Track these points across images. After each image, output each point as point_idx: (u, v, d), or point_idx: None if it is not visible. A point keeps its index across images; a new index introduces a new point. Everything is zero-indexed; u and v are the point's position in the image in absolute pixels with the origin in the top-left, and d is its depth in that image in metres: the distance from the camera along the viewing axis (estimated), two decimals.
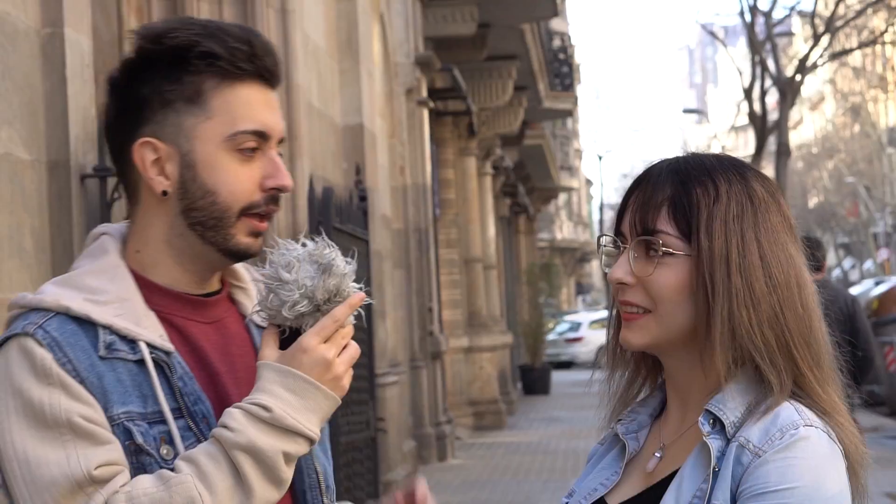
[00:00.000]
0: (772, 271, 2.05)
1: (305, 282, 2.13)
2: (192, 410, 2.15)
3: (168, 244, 2.21)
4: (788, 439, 1.97)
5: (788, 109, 29.67)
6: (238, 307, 2.32)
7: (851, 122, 60.16)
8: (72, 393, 2.05)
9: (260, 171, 2.19)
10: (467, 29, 18.14)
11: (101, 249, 2.23)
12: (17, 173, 5.35)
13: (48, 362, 2.06)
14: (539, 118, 30.79)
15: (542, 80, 26.15)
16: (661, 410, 2.23)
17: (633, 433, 2.22)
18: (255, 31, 2.22)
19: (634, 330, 2.11)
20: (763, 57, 29.69)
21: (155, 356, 2.14)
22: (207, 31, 2.16)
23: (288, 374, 2.11)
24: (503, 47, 20.93)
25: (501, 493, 14.19)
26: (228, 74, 2.16)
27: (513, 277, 34.29)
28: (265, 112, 2.20)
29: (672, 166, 2.13)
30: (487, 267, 23.74)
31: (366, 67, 12.00)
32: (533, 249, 43.16)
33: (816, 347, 2.07)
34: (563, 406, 25.51)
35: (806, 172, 66.70)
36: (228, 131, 2.16)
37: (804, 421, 1.99)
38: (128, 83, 2.19)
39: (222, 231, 2.18)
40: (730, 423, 2.02)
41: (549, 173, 37.84)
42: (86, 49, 5.85)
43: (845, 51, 34.84)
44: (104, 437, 2.06)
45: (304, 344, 2.12)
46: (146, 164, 2.18)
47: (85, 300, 2.13)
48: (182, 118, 2.16)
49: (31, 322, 2.10)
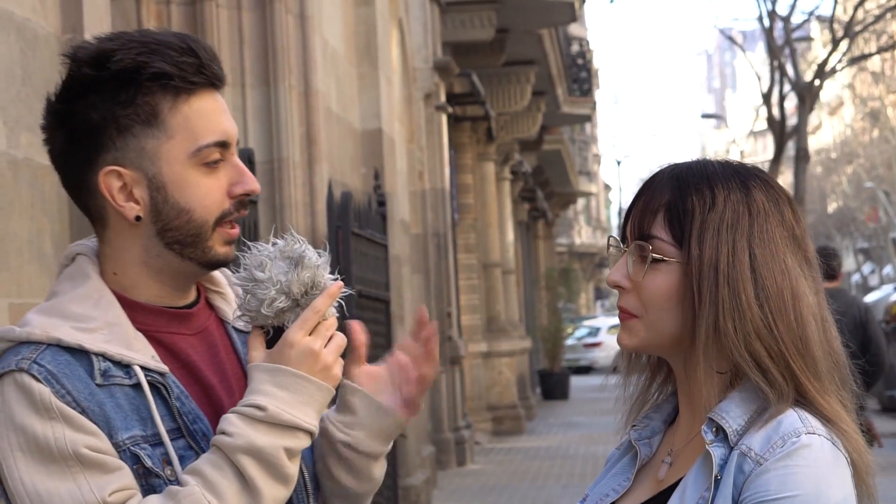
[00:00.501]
0: (764, 282, 2.03)
1: (279, 277, 2.13)
2: (191, 430, 2.15)
3: (146, 265, 2.19)
4: (790, 447, 1.96)
5: (807, 114, 29.61)
6: (217, 313, 2.31)
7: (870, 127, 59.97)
8: (75, 425, 2.04)
9: (227, 180, 2.18)
10: (485, 34, 18.14)
11: (81, 273, 2.19)
12: (38, 178, 5.37)
13: (47, 396, 2.04)
14: (557, 123, 30.77)
15: (561, 85, 26.14)
16: (675, 416, 2.22)
17: (645, 439, 2.21)
18: (193, 38, 2.18)
19: (625, 331, 2.12)
20: (782, 62, 29.65)
21: (150, 378, 2.13)
22: (150, 49, 2.12)
23: (277, 371, 2.11)
24: (521, 52, 20.93)
25: (520, 498, 14.18)
26: (182, 91, 2.14)
27: (531, 282, 34.28)
28: (222, 120, 2.18)
29: (674, 172, 2.13)
30: (506, 272, 23.73)
31: (384, 73, 12.01)
32: (551, 254, 43.13)
33: (812, 360, 2.04)
34: (581, 411, 25.48)
35: (825, 177, 66.52)
36: (192, 148, 2.14)
37: (807, 428, 1.98)
38: (73, 109, 2.14)
39: (200, 245, 2.17)
40: (732, 431, 2.01)
41: (567, 178, 37.82)
42: None
43: (864, 55, 34.74)
44: (113, 464, 2.05)
45: (289, 339, 2.13)
46: (114, 192, 2.15)
47: (73, 329, 2.10)
48: (143, 142, 2.13)
49: (24, 357, 2.07)
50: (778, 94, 30.04)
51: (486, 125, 21.23)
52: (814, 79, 29.54)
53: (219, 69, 2.19)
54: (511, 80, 21.77)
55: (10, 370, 2.07)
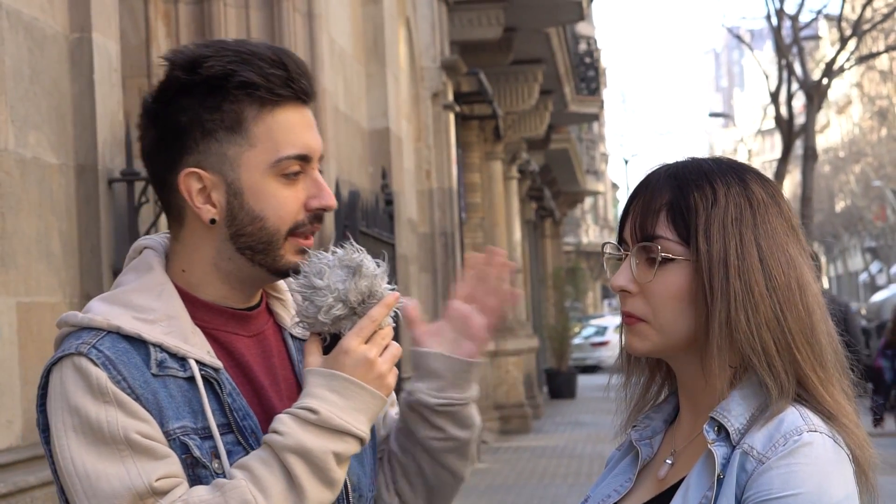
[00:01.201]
0: (772, 273, 2.05)
1: (337, 285, 2.17)
2: (241, 426, 2.19)
3: (215, 266, 2.24)
4: (792, 445, 1.96)
5: (815, 113, 29.58)
6: (275, 318, 2.36)
7: (878, 126, 59.90)
8: (128, 410, 2.09)
9: (304, 192, 2.23)
10: (493, 33, 18.14)
11: (146, 265, 2.26)
12: (46, 177, 5.37)
13: (104, 381, 2.09)
14: (565, 122, 30.75)
15: (568, 83, 26.12)
16: (675, 416, 2.23)
17: (646, 439, 2.22)
18: (286, 51, 2.24)
19: (635, 336, 2.12)
20: (790, 60, 29.62)
21: (204, 373, 2.18)
22: (241, 58, 2.18)
23: (332, 376, 2.15)
24: (529, 51, 20.92)
25: (527, 497, 14.18)
26: (267, 102, 2.19)
27: (539, 281, 34.26)
28: (306, 134, 2.23)
29: (670, 171, 2.13)
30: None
31: (392, 71, 12.01)
32: (559, 253, 43.11)
33: (819, 348, 2.06)
34: (588, 410, 25.47)
35: (833, 176, 66.46)
36: (272, 158, 2.19)
37: (808, 426, 1.98)
38: (164, 110, 2.21)
39: (272, 253, 2.22)
40: (734, 430, 2.02)
41: (575, 177, 37.80)
42: (113, 54, 5.87)
43: (872, 54, 34.69)
44: (162, 451, 2.10)
45: (344, 346, 2.16)
46: (192, 193, 2.20)
47: (134, 318, 2.16)
48: (225, 147, 2.19)
49: (84, 342, 2.13)
50: (786, 92, 30.01)
51: (493, 124, 21.23)
52: (822, 77, 29.50)
53: (307, 84, 2.24)
54: (518, 79, 21.76)
55: (69, 353, 2.13)
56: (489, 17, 17.94)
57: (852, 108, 71.95)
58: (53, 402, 2.12)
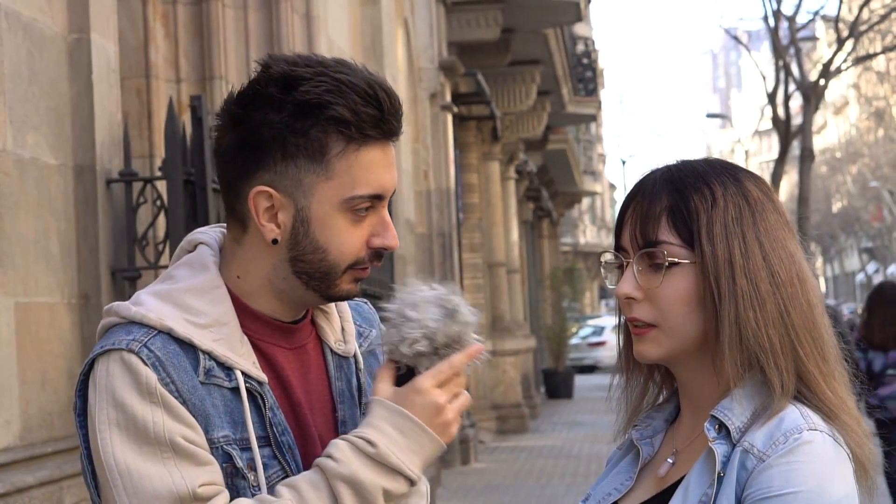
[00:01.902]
0: (775, 270, 2.06)
1: (429, 323, 2.15)
2: (279, 441, 2.18)
3: (270, 282, 2.22)
4: (792, 444, 1.97)
5: (812, 114, 29.57)
6: (318, 331, 2.33)
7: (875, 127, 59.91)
8: (174, 414, 2.08)
9: (369, 230, 2.20)
10: (491, 34, 18.13)
11: (202, 264, 2.23)
12: (44, 178, 5.37)
13: (153, 381, 2.08)
14: (562, 123, 30.74)
15: (566, 84, 26.12)
16: (676, 415, 2.23)
17: (647, 438, 2.22)
18: (382, 85, 2.19)
19: (646, 342, 2.12)
20: (787, 61, 29.60)
21: (249, 385, 2.16)
22: (338, 89, 2.13)
23: (398, 413, 2.13)
24: (527, 52, 20.91)
25: (524, 497, 14.18)
26: (354, 139, 2.15)
27: (536, 282, 34.26)
28: (384, 174, 2.19)
29: (665, 175, 2.14)
30: (511, 271, 23.71)
31: (390, 72, 12.01)
32: (556, 254, 43.11)
33: (821, 342, 2.07)
34: (586, 410, 25.47)
35: (830, 177, 66.49)
36: (347, 195, 2.16)
37: (808, 425, 1.99)
38: (248, 118, 2.16)
39: (328, 282, 2.20)
40: (735, 428, 2.03)
41: (572, 178, 37.78)
42: (112, 54, 5.87)
43: (869, 55, 34.67)
44: (205, 458, 2.09)
45: (418, 385, 2.14)
46: (259, 210, 2.17)
47: (185, 321, 2.14)
48: (302, 174, 2.15)
49: (135, 338, 2.11)
50: (783, 93, 29.98)
51: (491, 125, 21.23)
52: (819, 78, 29.48)
53: (398, 124, 2.20)
54: (516, 80, 21.75)
55: (119, 348, 2.10)
56: (487, 18, 17.94)
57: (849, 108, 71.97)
58: (98, 393, 2.09)
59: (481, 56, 19.11)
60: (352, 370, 2.33)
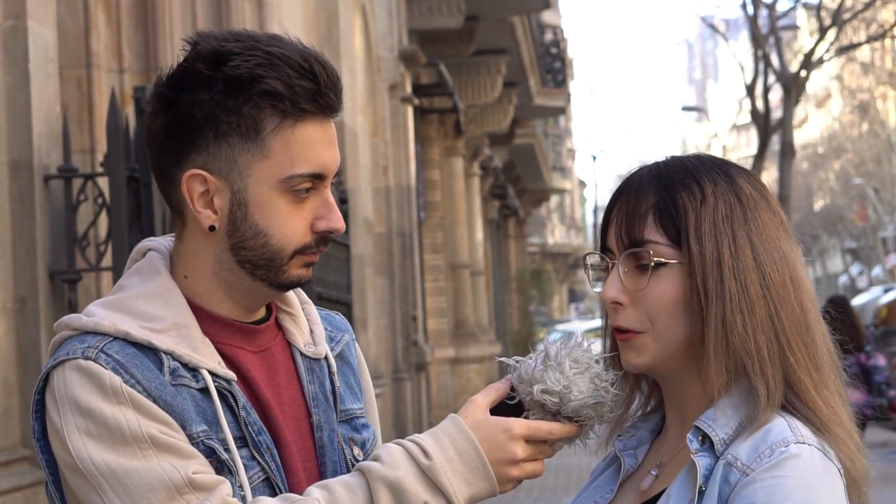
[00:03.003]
0: (766, 271, 2.06)
1: (573, 390, 2.12)
2: (256, 441, 2.16)
3: (216, 276, 2.20)
4: (777, 457, 1.96)
5: (793, 107, 29.70)
6: (285, 334, 2.31)
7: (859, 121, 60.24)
8: (146, 412, 2.06)
9: (312, 213, 2.18)
10: (454, 22, 18.15)
11: (152, 269, 2.22)
12: None
13: (117, 382, 2.06)
14: (530, 116, 30.82)
15: (533, 75, 26.17)
16: (663, 426, 2.23)
17: (630, 449, 2.22)
18: (318, 58, 2.20)
19: (633, 350, 2.11)
20: (766, 51, 29.73)
21: (217, 384, 2.14)
22: (270, 62, 2.13)
23: (466, 437, 2.12)
24: (492, 41, 20.94)
25: None
26: (289, 115, 2.14)
27: (502, 284, 34.30)
28: (324, 151, 2.18)
29: (653, 172, 2.13)
30: (475, 273, 23.74)
31: (347, 62, 12.00)
32: (523, 254, 43.18)
33: (814, 349, 2.06)
34: None
35: (811, 173, 66.81)
36: (285, 174, 2.15)
37: (796, 437, 1.98)
38: (178, 99, 2.15)
39: (274, 269, 2.18)
40: (719, 440, 2.02)
41: (540, 174, 37.87)
42: (50, 42, 5.84)
43: (853, 45, 34.88)
44: (189, 450, 2.07)
45: (509, 425, 2.12)
46: (194, 196, 2.16)
47: (141, 327, 2.13)
48: (236, 154, 2.14)
49: (90, 346, 2.09)
50: (762, 85, 30.12)
51: (454, 118, 21.24)
52: (800, 69, 29.62)
53: (335, 98, 2.19)
54: (481, 71, 21.78)
55: (73, 357, 2.08)
56: (450, 5, 17.96)
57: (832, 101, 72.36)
58: (60, 406, 2.07)
59: (444, 45, 19.13)
60: (324, 373, 2.31)
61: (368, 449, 2.33)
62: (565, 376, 2.12)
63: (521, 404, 2.15)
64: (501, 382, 2.19)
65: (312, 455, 2.24)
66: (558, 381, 2.11)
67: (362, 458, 2.30)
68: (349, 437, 2.31)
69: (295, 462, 2.21)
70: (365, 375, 2.45)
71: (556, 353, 2.14)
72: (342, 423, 2.31)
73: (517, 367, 2.17)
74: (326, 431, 2.26)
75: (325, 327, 2.37)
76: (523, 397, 2.15)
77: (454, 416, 2.14)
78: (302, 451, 2.23)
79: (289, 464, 2.20)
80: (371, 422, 2.41)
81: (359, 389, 2.40)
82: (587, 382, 2.12)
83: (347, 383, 2.37)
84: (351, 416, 2.34)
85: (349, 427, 2.32)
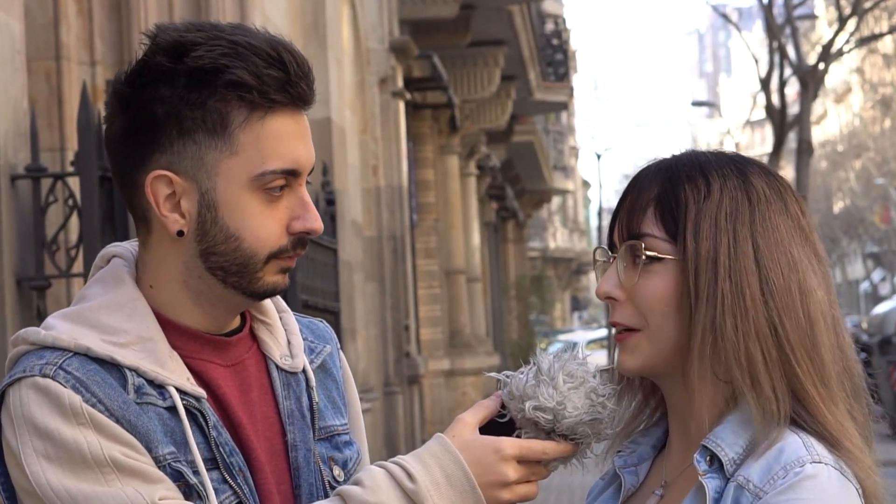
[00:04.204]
0: (769, 276, 2.04)
1: (568, 406, 2.11)
2: (227, 462, 2.15)
3: (184, 285, 2.18)
4: (793, 478, 1.95)
5: (811, 102, 29.74)
6: (260, 345, 2.29)
7: (882, 117, 60.29)
8: (108, 433, 2.05)
9: (287, 212, 2.17)
10: (448, 11, 18.15)
11: (116, 278, 2.20)
12: None
13: (76, 402, 2.04)
14: (530, 112, 30.83)
15: (534, 68, 26.18)
16: (665, 441, 2.22)
17: (631, 467, 2.21)
18: (288, 47, 2.16)
19: (626, 351, 2.11)
20: (782, 43, 29.77)
21: (186, 402, 2.13)
22: (235, 52, 2.11)
23: (454, 459, 2.11)
24: (489, 32, 20.95)
25: None
26: (258, 106, 2.13)
27: (500, 291, 34.30)
28: (297, 146, 2.17)
29: (662, 164, 2.14)
30: (471, 279, 23.74)
31: (334, 54, 12.00)
32: (523, 260, 43.19)
33: (820, 363, 2.05)
34: None
35: (830, 173, 66.83)
36: (256, 171, 2.13)
37: (812, 457, 1.98)
38: (138, 96, 2.14)
39: (248, 276, 2.16)
40: (728, 460, 2.01)
41: (541, 174, 37.88)
42: (17, 34, 5.84)
43: (875, 36, 34.95)
44: (155, 474, 2.06)
45: (500, 446, 2.12)
46: (160, 199, 2.14)
47: (103, 341, 2.11)
48: (203, 151, 2.13)
49: (48, 362, 2.08)
50: (778, 79, 30.16)
51: (449, 114, 21.25)
52: (818, 62, 29.67)
53: (307, 89, 2.17)
54: (477, 63, 21.79)
55: (31, 375, 2.07)
56: None
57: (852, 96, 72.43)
58: (16, 427, 2.06)
59: (437, 36, 19.13)
60: (302, 388, 2.29)
61: (351, 468, 2.32)
62: (559, 391, 2.10)
63: (512, 422, 2.14)
64: (491, 399, 2.18)
65: (287, 477, 2.23)
66: (551, 397, 2.10)
67: (343, 478, 2.28)
68: (329, 456, 2.29)
69: (269, 485, 2.19)
70: (350, 388, 2.43)
71: (548, 367, 2.13)
72: (321, 441, 2.29)
73: (508, 382, 2.17)
74: (302, 451, 2.24)
75: (305, 337, 2.36)
76: (514, 415, 2.14)
77: (440, 436, 2.13)
78: (276, 472, 2.22)
79: (262, 487, 2.18)
80: (356, 438, 2.40)
81: (343, 404, 2.38)
82: (583, 398, 2.11)
83: (329, 397, 2.35)
84: (332, 434, 2.32)
85: (329, 445, 2.31)
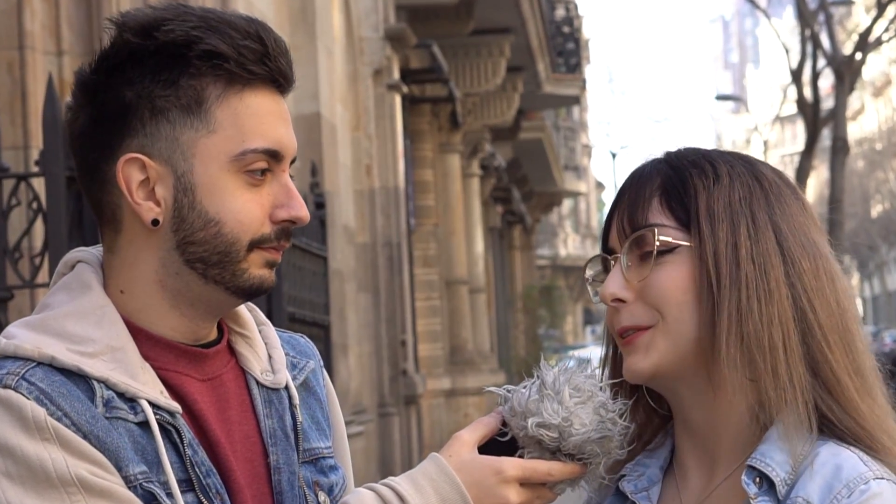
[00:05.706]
0: (794, 257, 2.05)
1: (575, 422, 2.10)
2: (204, 484, 2.15)
3: (160, 285, 2.19)
4: (858, 497, 1.96)
5: (846, 96, 29.74)
6: (238, 360, 2.30)
7: None
8: (74, 450, 2.04)
9: (270, 199, 2.19)
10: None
11: (82, 283, 2.20)
12: None
13: (41, 415, 2.04)
14: (538, 106, 30.83)
15: (543, 59, 26.19)
16: (671, 461, 2.21)
17: (643, 491, 2.21)
18: (264, 25, 2.19)
19: (638, 352, 2.10)
20: (815, 31, 29.78)
21: (159, 417, 2.13)
22: (208, 25, 2.13)
23: (450, 481, 2.12)
24: (494, 18, 20.96)
25: None
26: (236, 79, 2.15)
27: (506, 303, 34.31)
28: (279, 126, 2.19)
29: (660, 157, 2.16)
30: (474, 290, 23.74)
31: (324, 44, 12.01)
32: (531, 269, 43.20)
33: (854, 351, 2.05)
34: None
35: (868, 174, 66.88)
36: (236, 149, 2.15)
37: (874, 473, 1.98)
38: (106, 83, 2.15)
39: (230, 267, 2.17)
40: (780, 480, 2.01)
41: (550, 174, 37.90)
42: None
43: None
44: (124, 495, 2.05)
45: (501, 467, 2.12)
46: (132, 185, 2.15)
47: (69, 351, 2.11)
48: (178, 131, 2.14)
49: (9, 372, 2.08)
50: (810, 70, 30.17)
51: (449, 109, 21.24)
52: (854, 52, 29.67)
53: (287, 66, 2.20)
54: (481, 53, 21.79)
55: None
56: None
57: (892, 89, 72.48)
58: None
59: (437, 23, 19.14)
60: (285, 405, 2.30)
61: (337, 494, 2.32)
62: (565, 407, 2.10)
63: (514, 441, 2.14)
64: (491, 416, 2.18)
65: (269, 501, 2.23)
66: (557, 413, 2.10)
67: None
68: (314, 480, 2.30)
69: None
70: (335, 408, 2.44)
71: (553, 381, 2.13)
72: (306, 463, 2.29)
73: (509, 397, 2.16)
74: (286, 474, 2.25)
75: (286, 352, 2.36)
76: (517, 433, 2.14)
77: (436, 456, 2.13)
78: (257, 496, 2.22)
79: None
80: (341, 463, 2.41)
81: (327, 425, 2.39)
82: (591, 413, 2.11)
83: (313, 417, 2.35)
84: (316, 457, 2.32)
85: (314, 469, 2.31)
